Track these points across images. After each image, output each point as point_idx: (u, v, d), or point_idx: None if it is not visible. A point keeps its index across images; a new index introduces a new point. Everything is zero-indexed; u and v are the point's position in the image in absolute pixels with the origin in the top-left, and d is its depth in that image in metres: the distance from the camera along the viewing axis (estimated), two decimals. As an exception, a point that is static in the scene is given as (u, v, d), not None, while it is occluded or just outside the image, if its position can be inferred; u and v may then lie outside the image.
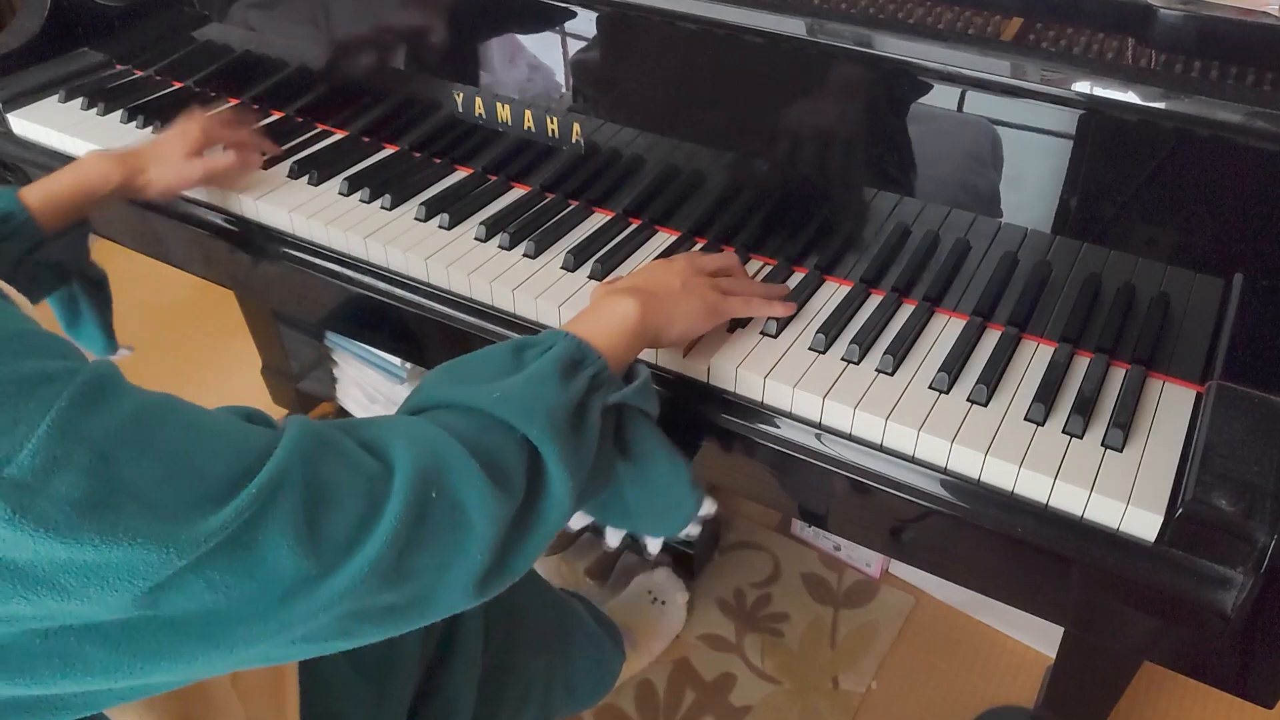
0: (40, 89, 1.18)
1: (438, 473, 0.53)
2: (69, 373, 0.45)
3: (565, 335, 0.65)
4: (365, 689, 0.81)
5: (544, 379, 0.61)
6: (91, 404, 0.44)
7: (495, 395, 0.59)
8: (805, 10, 0.80)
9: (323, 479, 0.49)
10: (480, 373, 0.62)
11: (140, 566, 0.43)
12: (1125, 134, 0.70)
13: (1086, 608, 0.70)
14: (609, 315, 0.70)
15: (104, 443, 0.44)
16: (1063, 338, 0.77)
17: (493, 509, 0.54)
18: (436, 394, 0.61)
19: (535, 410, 0.58)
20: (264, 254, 0.99)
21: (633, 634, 1.33)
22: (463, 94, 0.98)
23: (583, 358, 0.64)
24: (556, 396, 0.60)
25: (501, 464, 0.56)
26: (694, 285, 0.76)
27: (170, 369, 1.91)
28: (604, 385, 0.64)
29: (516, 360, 0.64)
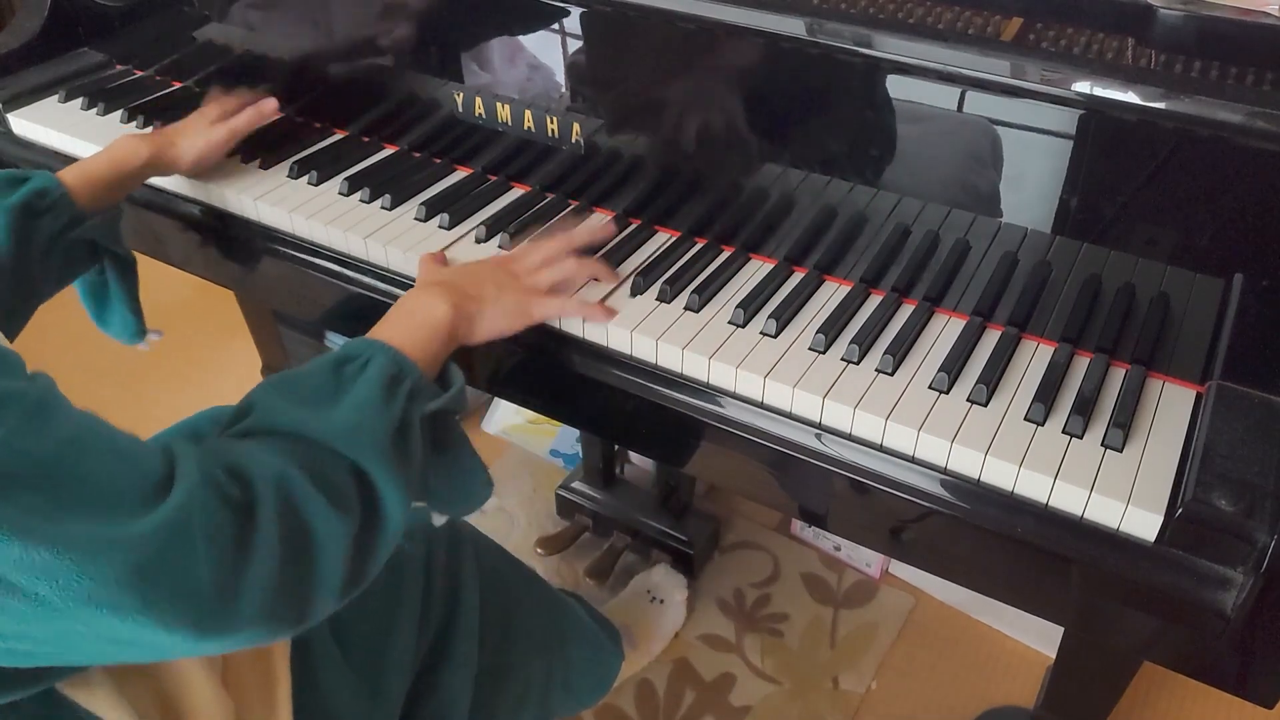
0: (40, 89, 1.18)
1: (293, 503, 0.57)
2: (19, 394, 0.49)
3: (381, 349, 0.67)
4: (359, 687, 0.80)
5: (367, 403, 0.63)
6: (36, 423, 0.48)
7: (324, 425, 0.61)
8: (805, 10, 0.80)
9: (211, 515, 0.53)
10: (305, 392, 0.64)
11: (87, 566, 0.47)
12: (1125, 134, 0.70)
13: (1086, 608, 0.70)
14: (420, 319, 0.73)
15: (46, 458, 0.48)
16: (1063, 338, 0.77)
17: (339, 531, 0.58)
18: (269, 419, 0.62)
19: (362, 438, 0.61)
20: (264, 254, 0.99)
21: (631, 633, 1.33)
22: (463, 94, 0.98)
23: (399, 371, 0.66)
24: (380, 420, 0.62)
25: (339, 488, 0.59)
26: (507, 285, 0.79)
27: (170, 369, 1.91)
28: (421, 394, 0.67)
29: (336, 377, 0.65)
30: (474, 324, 0.76)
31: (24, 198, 0.80)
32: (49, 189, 0.82)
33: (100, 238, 0.87)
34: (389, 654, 0.84)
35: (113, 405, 1.80)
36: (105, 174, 0.89)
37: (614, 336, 0.81)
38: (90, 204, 0.86)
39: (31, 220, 0.80)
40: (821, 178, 0.84)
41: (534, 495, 1.62)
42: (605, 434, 1.26)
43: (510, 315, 0.78)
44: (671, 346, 0.78)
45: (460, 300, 0.74)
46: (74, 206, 0.84)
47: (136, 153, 0.91)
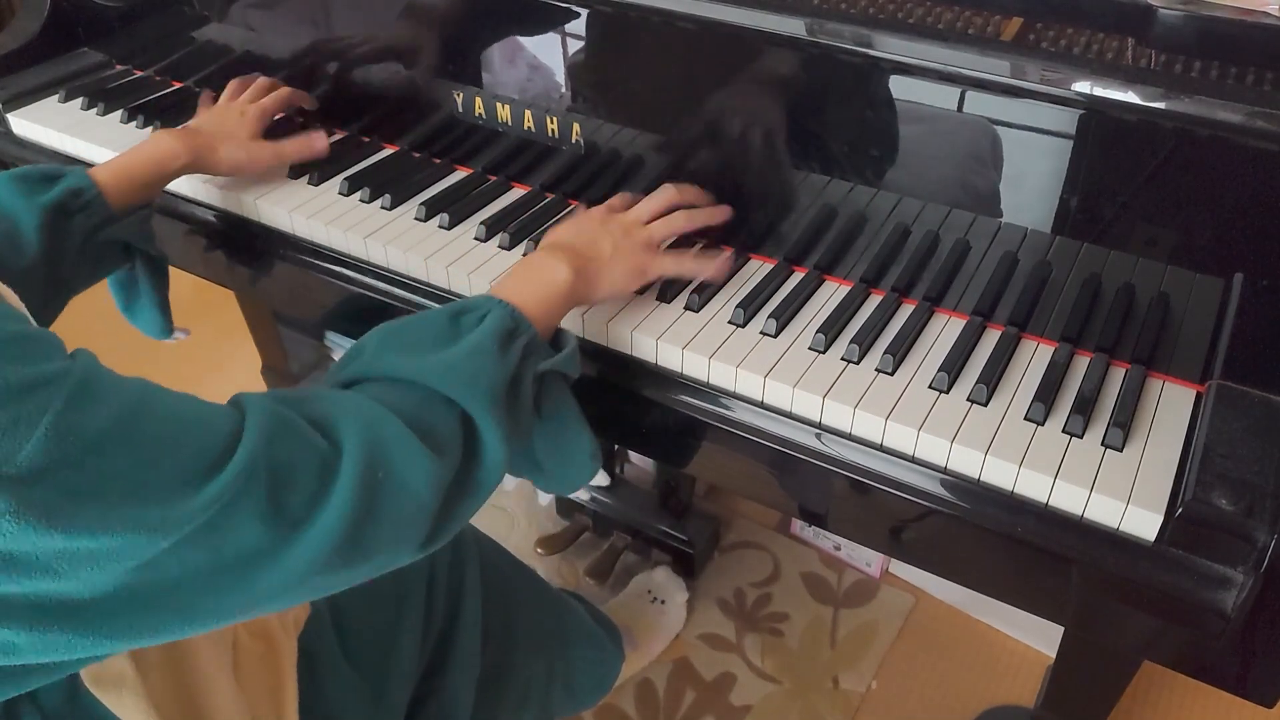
0: (40, 89, 1.18)
1: (383, 449, 0.56)
2: (63, 374, 0.47)
3: (499, 303, 0.67)
4: (363, 689, 0.81)
5: (481, 351, 0.63)
6: (83, 403, 0.47)
7: (436, 370, 0.61)
8: (805, 10, 0.80)
9: (282, 462, 0.52)
10: (419, 340, 0.64)
11: (129, 549, 0.47)
12: (1125, 134, 0.70)
13: (1086, 607, 0.70)
14: (541, 278, 0.73)
15: (96, 439, 0.46)
16: (1063, 337, 0.77)
17: (434, 479, 0.57)
18: (376, 365, 0.62)
19: (475, 386, 0.61)
20: (264, 254, 0.99)
21: (632, 633, 1.33)
22: (463, 94, 0.98)
23: (516, 327, 0.67)
24: (494, 370, 0.62)
25: (440, 436, 0.59)
26: (624, 248, 0.79)
27: (170, 369, 1.91)
28: (536, 353, 0.67)
29: (453, 326, 0.66)
30: (593, 285, 0.76)
31: (58, 196, 0.79)
32: (83, 188, 0.81)
33: (132, 239, 0.86)
34: (393, 657, 0.84)
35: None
36: (141, 173, 0.87)
37: (614, 336, 0.81)
38: (123, 203, 0.85)
39: (65, 219, 0.79)
40: (821, 178, 0.84)
41: (534, 495, 1.62)
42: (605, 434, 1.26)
43: (628, 275, 0.78)
44: (671, 346, 0.78)
45: (581, 263, 0.74)
46: (107, 206, 0.83)
47: (175, 155, 0.89)
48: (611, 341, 0.81)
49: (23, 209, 0.76)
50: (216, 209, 1.01)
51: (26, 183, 0.78)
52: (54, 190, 0.79)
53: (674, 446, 0.83)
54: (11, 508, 0.43)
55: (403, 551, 0.58)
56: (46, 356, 0.48)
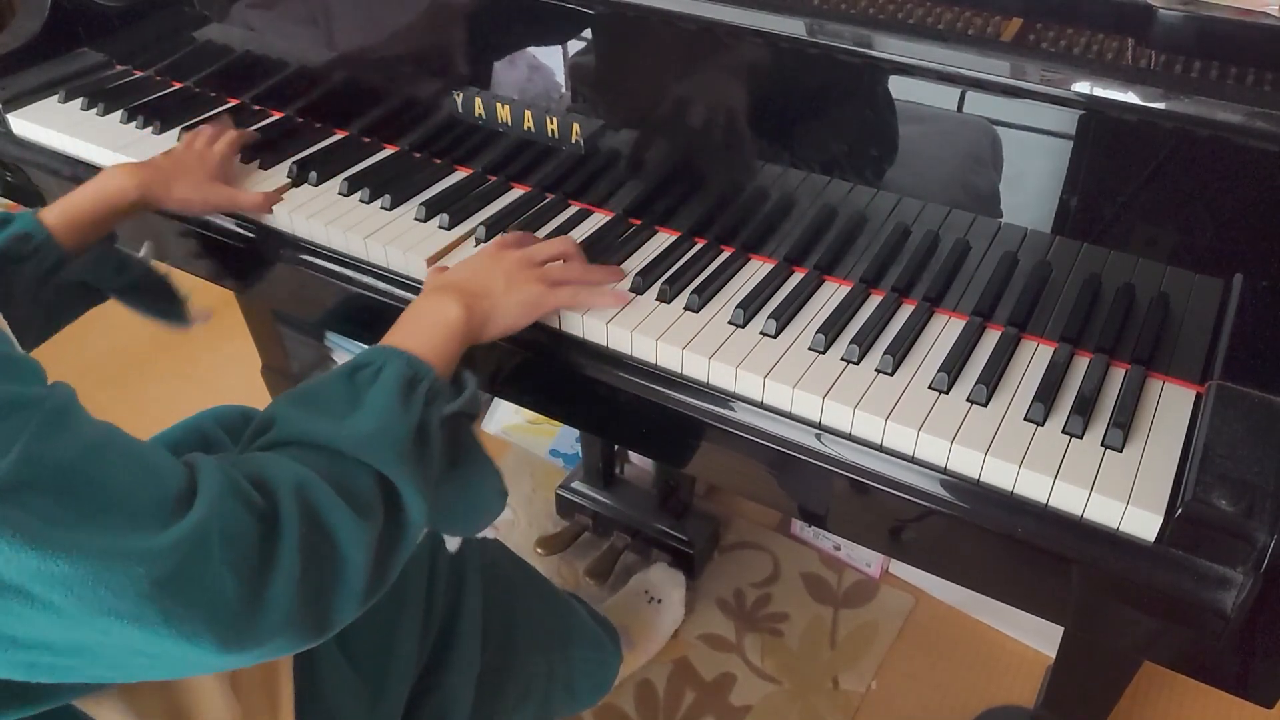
0: (40, 89, 1.18)
1: (315, 511, 0.57)
2: (40, 399, 0.48)
3: (394, 354, 0.67)
4: (361, 688, 0.80)
5: (385, 410, 0.63)
6: (56, 431, 0.48)
7: (345, 433, 0.61)
8: (805, 10, 0.80)
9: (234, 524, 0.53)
10: (322, 403, 0.64)
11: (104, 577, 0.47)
12: (1125, 134, 0.70)
13: (1086, 608, 0.70)
14: (432, 321, 0.72)
15: (65, 466, 0.48)
16: (1063, 338, 0.77)
17: (360, 538, 0.58)
18: (289, 431, 0.62)
19: (383, 444, 0.61)
20: (264, 254, 0.99)
21: (629, 633, 1.33)
22: (463, 94, 0.98)
23: (414, 374, 0.66)
24: (400, 425, 0.62)
25: (360, 495, 0.59)
26: (518, 279, 0.78)
27: (170, 369, 1.91)
28: (438, 397, 0.67)
29: (351, 385, 0.65)
30: (486, 321, 0.75)
31: (4, 243, 0.77)
32: (31, 233, 0.79)
33: (90, 277, 0.85)
34: (392, 655, 0.84)
35: (111, 406, 1.80)
36: (91, 212, 0.85)
37: (614, 336, 0.81)
38: (75, 243, 0.83)
39: (13, 266, 0.78)
40: (821, 178, 0.84)
41: (534, 495, 1.62)
42: (605, 434, 1.26)
43: (523, 308, 0.77)
44: (671, 346, 0.78)
45: (470, 300, 0.74)
46: (59, 249, 0.81)
47: (124, 192, 0.87)
48: (611, 342, 0.81)
49: None
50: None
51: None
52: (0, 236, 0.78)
53: (674, 447, 0.83)
54: None
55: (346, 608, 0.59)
56: (27, 380, 0.49)
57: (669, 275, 0.85)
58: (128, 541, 0.48)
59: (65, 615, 0.47)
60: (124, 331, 1.98)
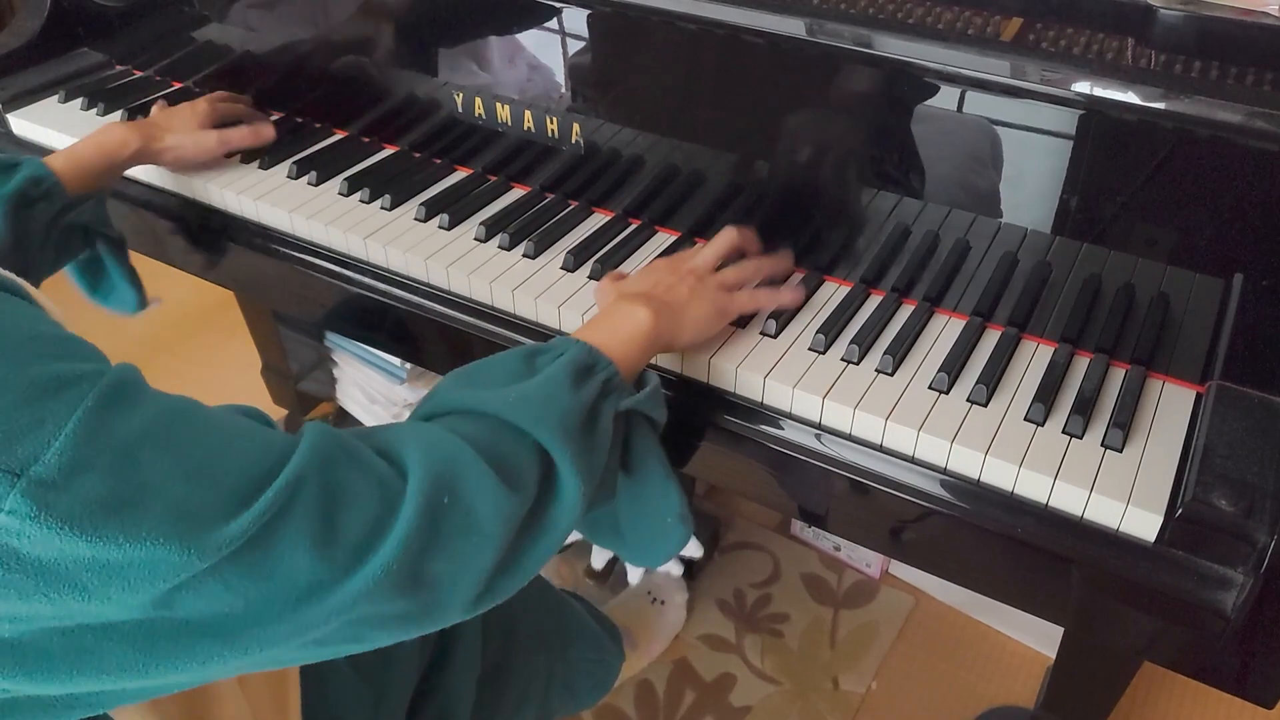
0: (40, 89, 1.18)
1: (451, 477, 0.53)
2: (95, 375, 0.45)
3: (577, 342, 0.65)
4: (364, 689, 0.81)
5: (556, 383, 0.61)
6: (116, 406, 0.45)
7: (508, 400, 0.59)
8: (805, 10, 0.80)
9: (338, 482, 0.49)
10: (493, 378, 0.62)
11: (162, 567, 0.44)
12: (1125, 134, 0.70)
13: (1086, 608, 0.70)
14: (621, 323, 0.70)
15: (128, 444, 0.44)
16: (1063, 338, 0.77)
17: (505, 510, 0.54)
18: (449, 400, 0.60)
19: (547, 415, 0.58)
20: (264, 254, 0.99)
21: (632, 634, 1.33)
22: (463, 94, 0.98)
23: (594, 363, 0.64)
24: (569, 401, 0.60)
25: (513, 467, 0.56)
26: (701, 290, 0.76)
27: (170, 369, 1.91)
28: (615, 391, 0.64)
29: (529, 366, 0.63)
30: (677, 327, 0.74)
31: (19, 185, 0.81)
32: (42, 176, 0.83)
33: (92, 222, 0.89)
34: (394, 658, 0.84)
35: (113, 405, 1.80)
36: (94, 161, 0.90)
37: (614, 337, 0.81)
38: (79, 189, 0.87)
39: (26, 208, 0.82)
40: (821, 178, 0.84)
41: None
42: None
43: (711, 316, 0.76)
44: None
45: (659, 306, 0.72)
46: (65, 193, 0.85)
47: (125, 144, 0.92)
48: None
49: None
50: (216, 209, 1.01)
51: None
52: (14, 180, 0.81)
53: (673, 446, 0.83)
54: (33, 511, 0.41)
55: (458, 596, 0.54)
56: (81, 357, 0.46)
57: (669, 275, 0.85)
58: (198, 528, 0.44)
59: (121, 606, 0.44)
60: (124, 332, 1.98)
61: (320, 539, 0.48)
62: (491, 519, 0.54)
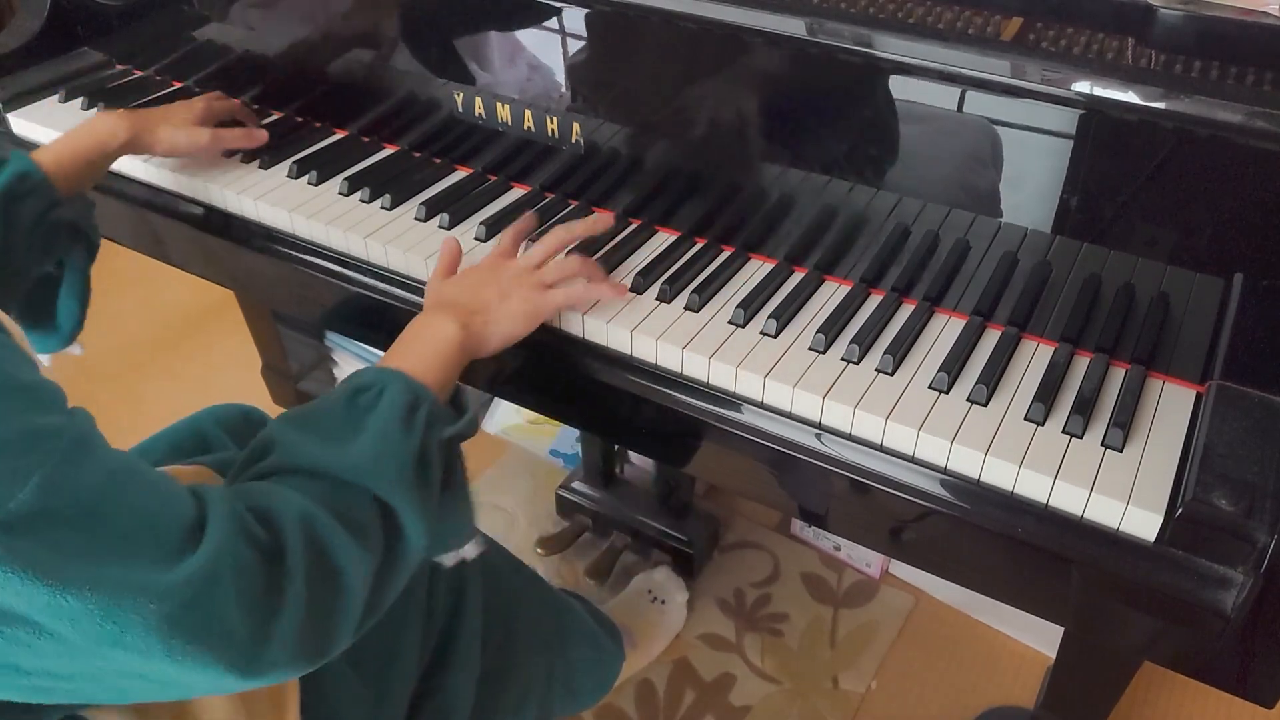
0: (40, 89, 1.18)
1: (320, 546, 0.57)
2: (61, 430, 0.48)
3: (394, 376, 0.66)
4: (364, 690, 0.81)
5: (387, 435, 0.63)
6: (78, 461, 0.48)
7: (345, 460, 0.61)
8: (805, 10, 0.80)
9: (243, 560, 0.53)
10: (322, 427, 0.64)
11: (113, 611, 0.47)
12: (1125, 134, 0.70)
13: (1086, 608, 0.70)
14: (430, 343, 0.72)
15: (85, 496, 0.47)
16: (1063, 338, 0.77)
17: (363, 567, 0.59)
18: (289, 457, 0.62)
19: (385, 470, 0.61)
20: (264, 254, 0.99)
21: (632, 634, 1.33)
22: (463, 94, 0.98)
23: (415, 399, 0.65)
24: (401, 450, 0.62)
25: (361, 523, 0.60)
26: (511, 289, 0.78)
27: (170, 369, 1.91)
28: (439, 421, 0.66)
29: (351, 409, 0.65)
30: (484, 337, 0.75)
31: (7, 182, 0.79)
32: (29, 172, 0.81)
33: (79, 219, 0.86)
34: (394, 658, 0.84)
35: (111, 405, 1.80)
36: (83, 153, 0.87)
37: (614, 336, 0.81)
38: (68, 185, 0.85)
39: (13, 205, 0.79)
40: (821, 177, 0.84)
41: (534, 495, 1.62)
42: (605, 434, 1.26)
43: (520, 318, 0.77)
44: (671, 346, 0.78)
45: (466, 317, 0.74)
46: (53, 189, 0.83)
47: (115, 133, 0.90)
48: (611, 342, 0.81)
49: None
50: (216, 209, 1.01)
51: None
52: (1, 177, 0.79)
53: (674, 446, 0.83)
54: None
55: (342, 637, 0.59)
56: (48, 409, 0.49)
57: (669, 275, 0.85)
58: (141, 575, 0.48)
59: (72, 646, 0.47)
60: (124, 331, 1.98)
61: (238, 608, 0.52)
62: (356, 578, 0.58)
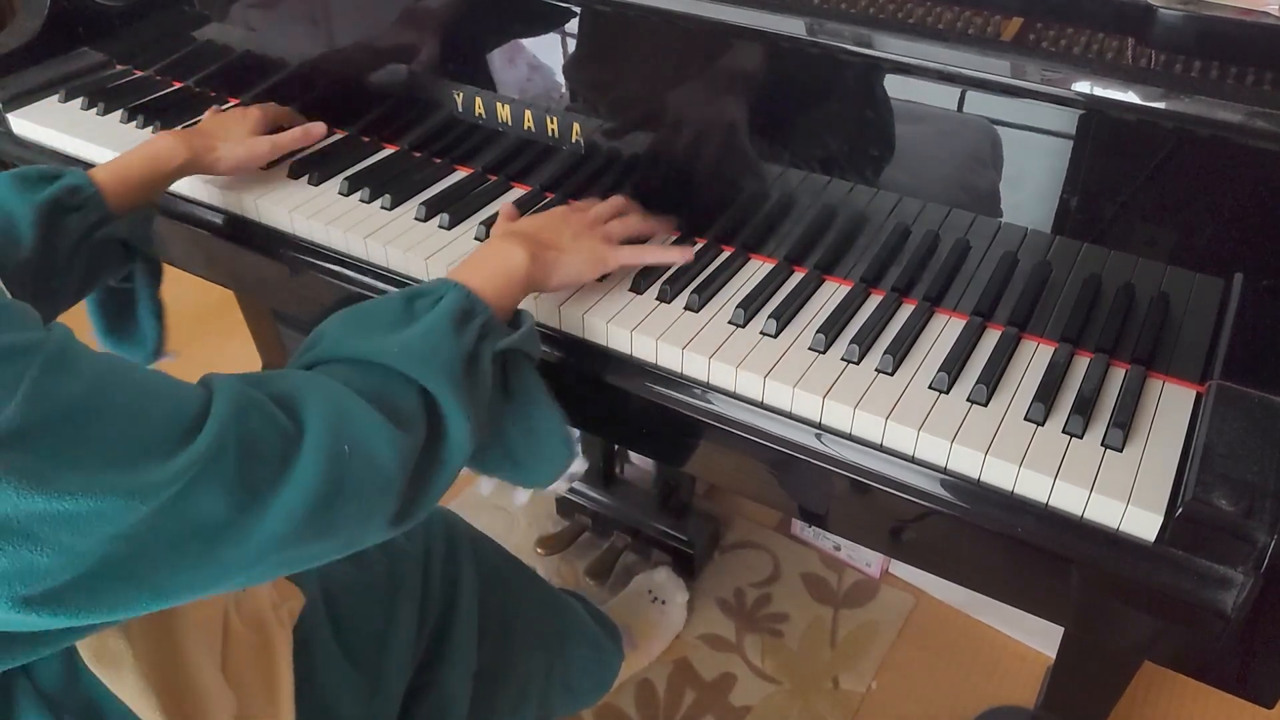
0: (40, 89, 1.18)
1: (348, 428, 0.57)
2: (39, 342, 0.48)
3: (454, 286, 0.69)
4: (358, 681, 0.81)
5: (438, 331, 0.65)
6: (59, 371, 0.48)
7: (394, 350, 0.63)
8: (805, 10, 0.80)
9: (250, 435, 0.54)
10: (376, 323, 0.66)
11: (109, 514, 0.48)
12: (1125, 134, 0.70)
13: (1086, 608, 0.70)
14: (497, 262, 0.74)
15: (71, 405, 0.48)
16: (1063, 338, 0.77)
17: (399, 450, 0.59)
18: (336, 347, 0.64)
19: (431, 362, 0.63)
20: (264, 254, 0.99)
21: (632, 633, 1.33)
22: (463, 94, 0.98)
23: (471, 308, 0.68)
24: (450, 348, 0.64)
25: (402, 411, 0.61)
26: (584, 236, 0.81)
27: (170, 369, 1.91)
28: (492, 333, 0.68)
29: (408, 310, 0.67)
30: (551, 271, 0.78)
31: (55, 193, 0.78)
32: (80, 186, 0.81)
33: (131, 237, 0.85)
34: (388, 650, 0.84)
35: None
36: (140, 173, 0.87)
37: (614, 336, 0.81)
38: (122, 203, 0.84)
39: (60, 216, 0.79)
40: (821, 177, 0.84)
41: (534, 495, 1.62)
42: (605, 434, 1.26)
43: (587, 262, 0.80)
44: (671, 346, 0.78)
45: (537, 249, 0.76)
46: (104, 205, 0.82)
47: (175, 153, 0.90)
48: (611, 341, 0.81)
49: (18, 205, 0.76)
50: (217, 209, 1.01)
51: (25, 181, 0.78)
52: (51, 188, 0.79)
53: (674, 446, 0.83)
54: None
55: (372, 527, 0.60)
56: (23, 325, 0.49)
57: (669, 275, 0.85)
58: (134, 476, 0.48)
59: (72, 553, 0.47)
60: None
61: (235, 488, 0.52)
62: (390, 462, 0.59)
